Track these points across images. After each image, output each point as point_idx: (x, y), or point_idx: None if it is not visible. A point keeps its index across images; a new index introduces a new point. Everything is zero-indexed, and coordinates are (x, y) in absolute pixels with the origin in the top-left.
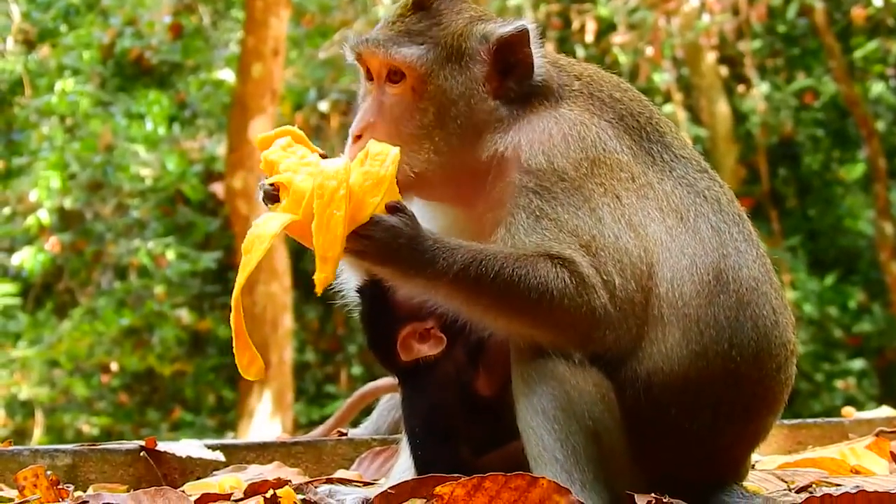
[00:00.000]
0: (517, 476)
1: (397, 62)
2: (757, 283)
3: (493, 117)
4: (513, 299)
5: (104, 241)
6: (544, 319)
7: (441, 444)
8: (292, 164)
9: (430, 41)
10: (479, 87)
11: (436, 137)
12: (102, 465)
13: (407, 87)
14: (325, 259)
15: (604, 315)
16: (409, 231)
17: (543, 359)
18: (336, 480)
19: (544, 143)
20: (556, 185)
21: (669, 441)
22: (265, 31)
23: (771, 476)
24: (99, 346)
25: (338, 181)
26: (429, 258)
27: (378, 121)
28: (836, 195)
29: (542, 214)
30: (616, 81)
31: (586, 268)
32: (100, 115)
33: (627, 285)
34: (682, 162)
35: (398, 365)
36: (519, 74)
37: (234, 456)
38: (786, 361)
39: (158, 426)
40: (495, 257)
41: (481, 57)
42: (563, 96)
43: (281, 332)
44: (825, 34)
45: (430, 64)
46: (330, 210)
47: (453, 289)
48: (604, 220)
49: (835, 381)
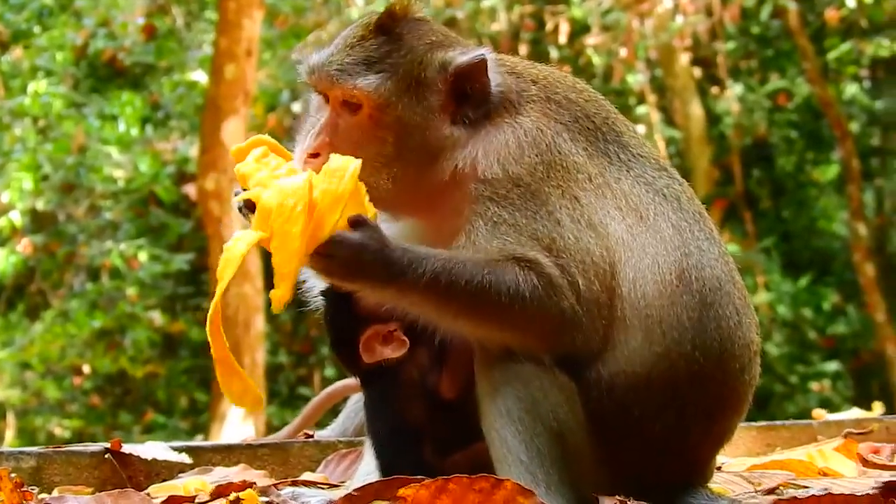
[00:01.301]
0: (481, 478)
1: (355, 94)
2: (720, 282)
3: (448, 142)
4: (484, 304)
5: (76, 243)
6: (514, 323)
7: (405, 446)
8: (263, 178)
9: (390, 69)
10: (435, 116)
11: (394, 168)
12: (67, 468)
13: (364, 115)
14: (282, 276)
15: (572, 316)
16: (375, 245)
17: (508, 360)
18: (301, 483)
19: (500, 152)
20: (512, 191)
21: (634, 442)
22: (238, 32)
23: (738, 478)
24: (71, 349)
25: (295, 199)
26: (398, 269)
27: (335, 141)
28: (810, 196)
29: (499, 220)
30: (572, 82)
31: (551, 268)
32: (73, 116)
33: (592, 286)
34: (640, 161)
35: (361, 367)
36: (475, 102)
37: (200, 458)
38: (749, 362)
39: (131, 429)
40: (464, 264)
41: (438, 87)
42: (520, 104)
43: (253, 333)
44: (799, 36)
45: (388, 95)
46: (287, 226)
47: (424, 297)
48: (562, 222)
49: (809, 383)
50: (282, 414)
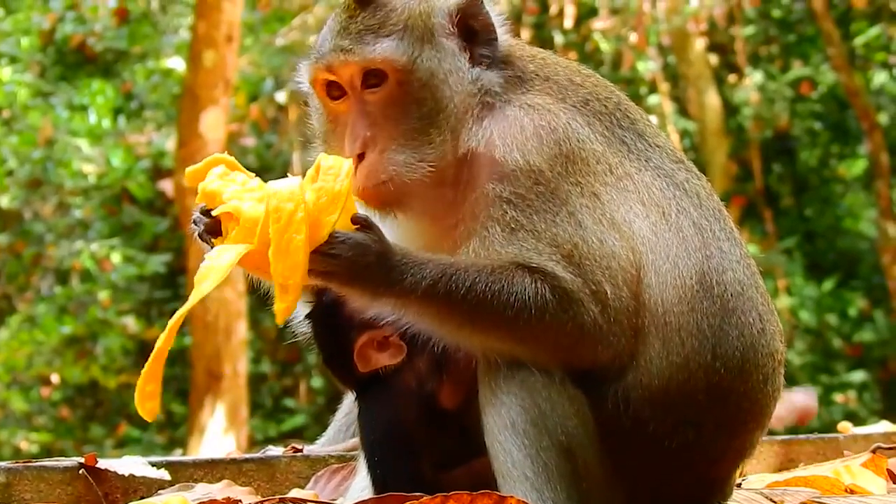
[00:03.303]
0: (484, 495)
1: (377, 62)
2: (742, 287)
3: (478, 88)
4: (488, 316)
5: (44, 243)
6: (523, 337)
7: (401, 461)
8: (236, 192)
9: (397, 30)
10: (460, 61)
11: (441, 122)
12: (38, 484)
13: (391, 86)
14: (286, 287)
15: (594, 330)
16: (377, 247)
17: (513, 369)
18: (289, 500)
19: (516, 136)
20: (531, 190)
21: (648, 458)
22: (218, 15)
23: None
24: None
25: (294, 203)
26: (397, 275)
27: (374, 132)
28: (835, 193)
29: (517, 226)
30: (574, 67)
31: (569, 282)
32: (39, 106)
33: (620, 293)
34: (658, 151)
35: (356, 378)
36: (485, 39)
37: (181, 474)
38: (773, 372)
39: (103, 443)
40: (467, 271)
41: (449, 30)
42: (522, 78)
43: (235, 341)
44: (823, 19)
45: (410, 52)
46: (289, 234)
47: (424, 306)
48: (584, 224)
49: (833, 394)
50: (265, 427)
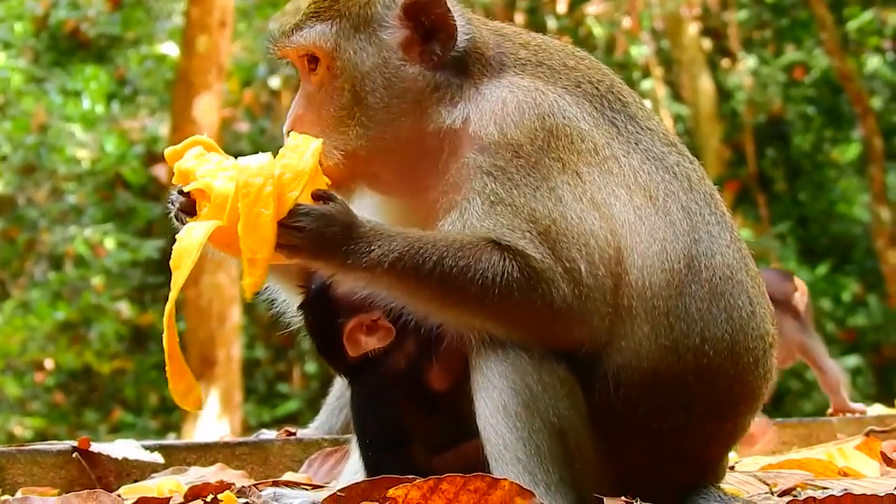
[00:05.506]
0: (477, 477)
1: (304, 46)
2: (731, 270)
3: (424, 84)
4: (455, 292)
5: (38, 229)
6: (493, 314)
7: (393, 444)
8: (210, 171)
9: (334, 17)
10: (392, 55)
11: (357, 114)
12: (32, 467)
13: (323, 70)
14: (254, 261)
15: (565, 309)
16: (343, 218)
17: (504, 350)
18: (283, 483)
19: (496, 112)
20: (511, 162)
21: (640, 440)
22: (211, 0)
23: (752, 478)
24: (32, 342)
25: (263, 178)
26: (364, 246)
27: (304, 111)
28: (829, 178)
29: (497, 200)
30: (570, 50)
31: (540, 261)
32: (33, 92)
33: (596, 271)
34: (649, 134)
35: (347, 363)
36: (440, 38)
37: (174, 457)
38: (764, 354)
39: (97, 428)
40: (435, 245)
41: (389, 22)
42: (506, 64)
43: (228, 326)
44: (817, 4)
45: (335, 39)
46: (257, 209)
47: (393, 279)
48: (564, 201)
49: None
50: (259, 412)
